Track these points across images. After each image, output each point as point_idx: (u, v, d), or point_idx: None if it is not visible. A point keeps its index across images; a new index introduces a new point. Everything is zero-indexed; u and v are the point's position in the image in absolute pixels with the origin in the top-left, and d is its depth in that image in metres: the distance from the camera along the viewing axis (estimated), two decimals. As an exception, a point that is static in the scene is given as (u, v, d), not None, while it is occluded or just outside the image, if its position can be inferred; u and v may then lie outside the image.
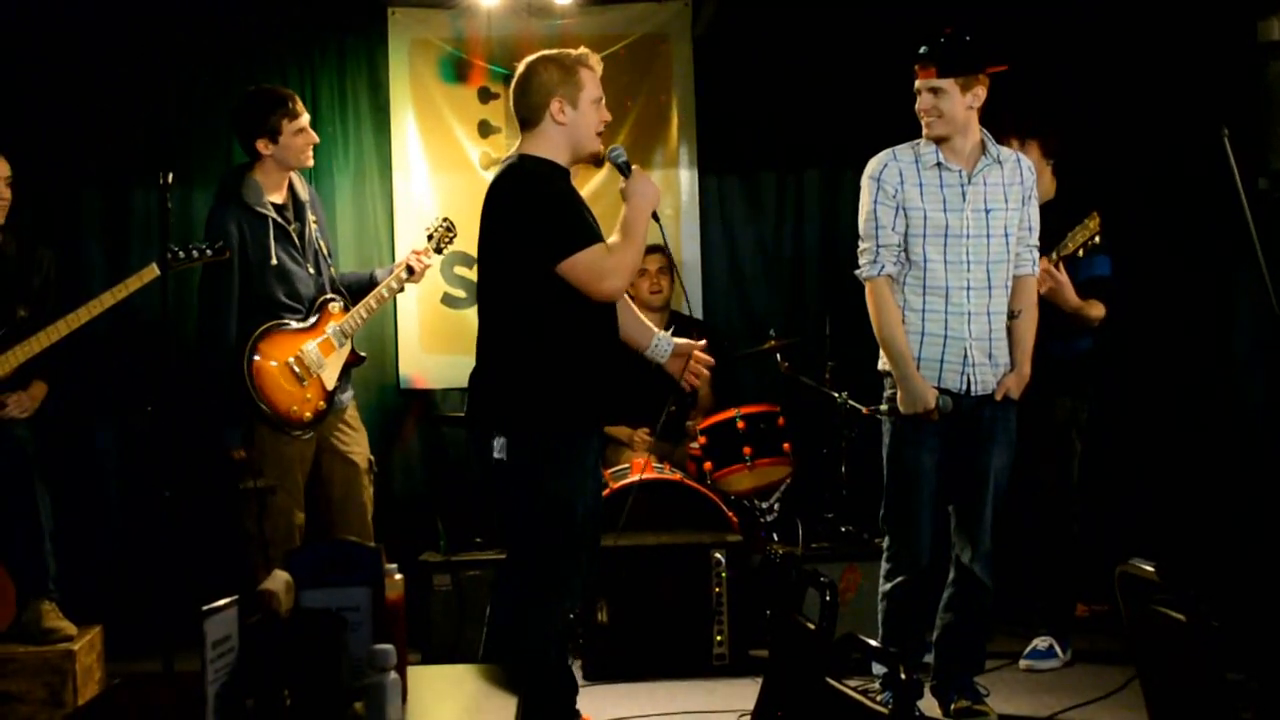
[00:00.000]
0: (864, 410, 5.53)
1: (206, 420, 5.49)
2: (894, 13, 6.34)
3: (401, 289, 5.55)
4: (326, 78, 6.61)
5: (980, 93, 4.47)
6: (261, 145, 5.29)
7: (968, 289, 4.51)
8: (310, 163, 5.44)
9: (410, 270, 5.49)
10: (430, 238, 5.68)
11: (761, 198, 6.91)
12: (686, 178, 6.84)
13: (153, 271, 5.03)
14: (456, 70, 6.73)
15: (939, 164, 4.53)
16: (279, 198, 5.35)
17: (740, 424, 5.86)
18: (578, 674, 5.20)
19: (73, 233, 6.36)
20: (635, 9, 6.80)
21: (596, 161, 4.23)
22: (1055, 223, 4.95)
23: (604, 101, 4.17)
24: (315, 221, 5.47)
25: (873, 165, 4.64)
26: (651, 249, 6.33)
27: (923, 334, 4.56)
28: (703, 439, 5.95)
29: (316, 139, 5.44)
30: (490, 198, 4.10)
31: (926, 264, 4.53)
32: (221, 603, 2.29)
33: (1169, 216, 6.21)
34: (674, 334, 4.37)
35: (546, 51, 4.20)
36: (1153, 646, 3.06)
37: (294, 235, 5.33)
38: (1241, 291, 6.01)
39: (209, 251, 5.13)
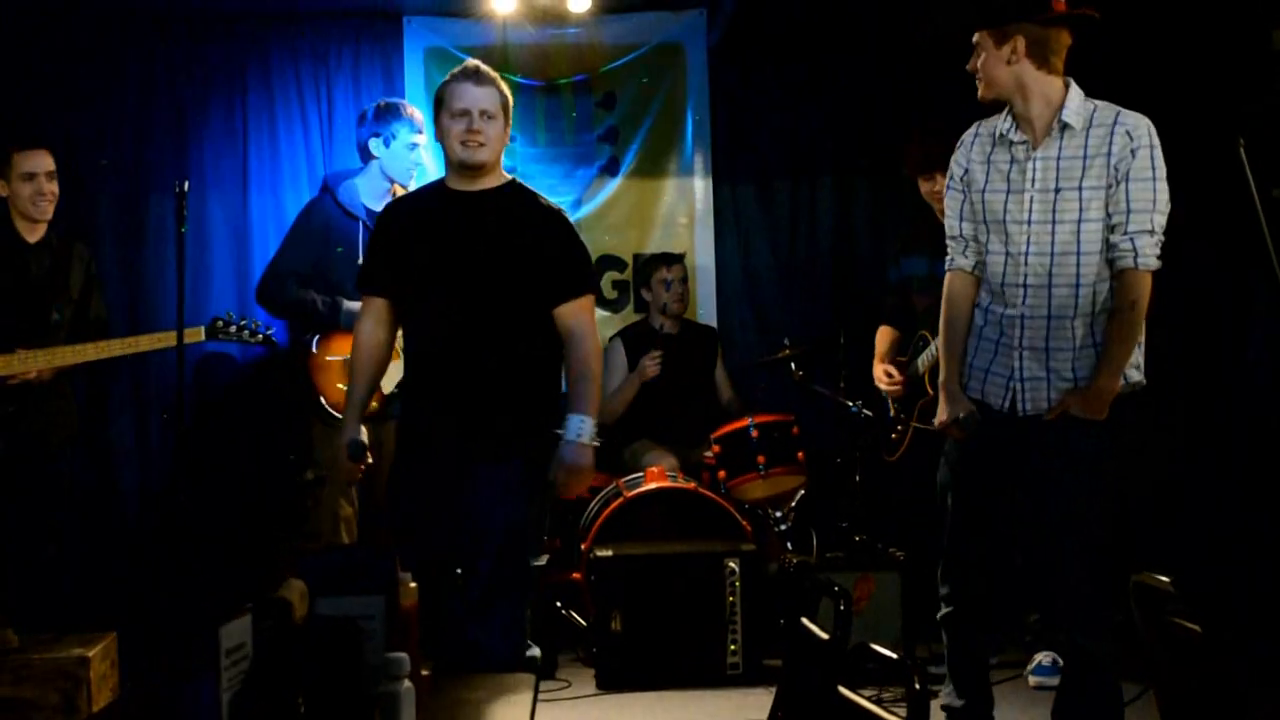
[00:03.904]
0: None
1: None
2: (909, 21, 6.34)
3: None
4: (341, 84, 6.62)
5: (1019, 44, 3.80)
6: (374, 147, 5.45)
7: (1024, 286, 3.87)
8: (410, 182, 5.56)
9: None
10: None
11: (775, 206, 6.92)
12: (701, 186, 6.85)
13: (189, 335, 5.13)
14: (472, 79, 6.74)
15: (1002, 135, 3.93)
16: (378, 206, 5.47)
17: (754, 433, 5.85)
18: (591, 683, 5.22)
19: (88, 238, 6.38)
20: (651, 17, 6.81)
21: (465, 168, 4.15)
22: None
23: (480, 113, 4.09)
24: None
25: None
26: (674, 259, 6.38)
27: (980, 338, 4.00)
28: (717, 448, 5.94)
29: (423, 162, 5.68)
30: None
31: (988, 255, 3.96)
32: (236, 610, 2.29)
33: (1184, 226, 6.20)
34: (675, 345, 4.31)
35: None
36: (1168, 658, 3.05)
37: None
38: (1257, 300, 5.99)
39: (252, 334, 5.38)
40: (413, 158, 5.59)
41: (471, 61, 4.19)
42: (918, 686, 2.21)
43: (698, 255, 6.82)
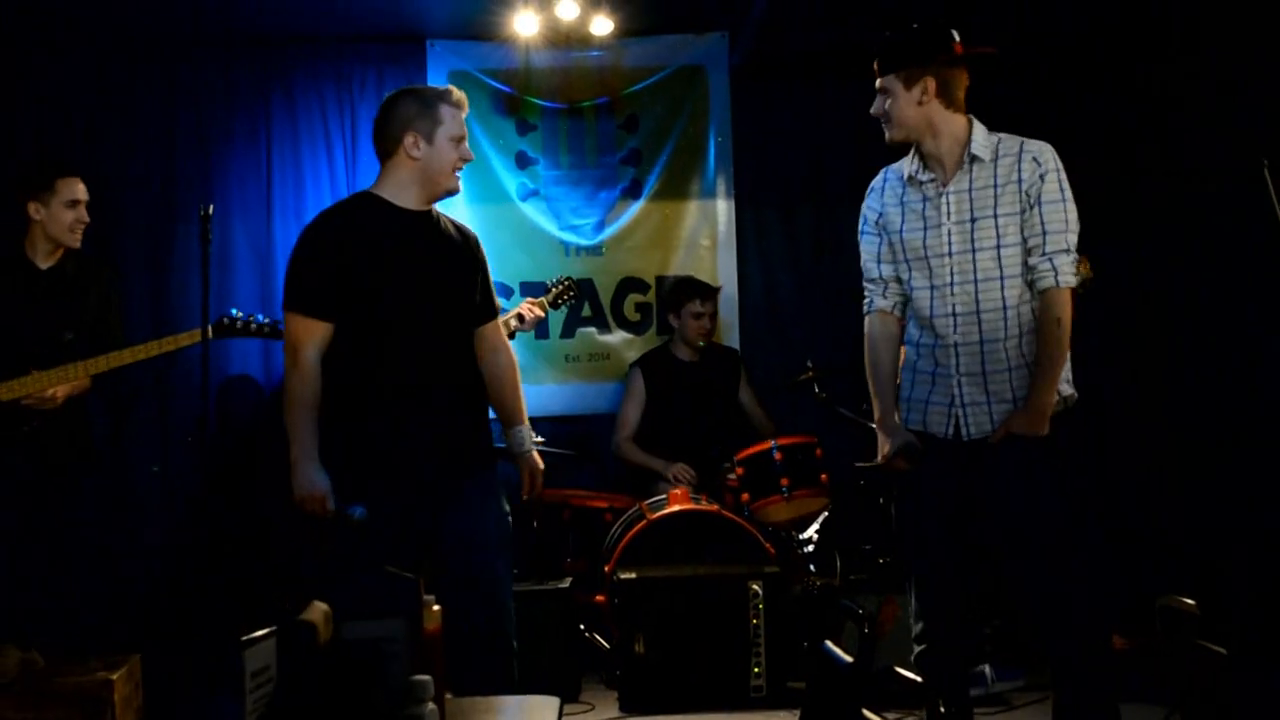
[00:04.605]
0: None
1: None
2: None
3: (512, 335, 5.59)
4: (366, 108, 6.65)
5: (929, 85, 3.90)
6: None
7: (953, 316, 3.95)
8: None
9: (521, 318, 5.61)
10: (549, 290, 5.98)
11: (798, 227, 6.93)
12: (723, 208, 6.86)
13: (194, 336, 5.12)
14: (494, 101, 6.77)
15: (911, 176, 4.02)
16: None
17: (777, 455, 5.84)
18: (614, 706, 5.21)
19: (113, 263, 6.42)
20: (673, 39, 6.83)
21: (450, 195, 4.18)
22: None
23: (466, 141, 4.12)
24: None
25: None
26: (709, 291, 6.37)
27: (915, 371, 4.07)
28: (740, 470, 5.94)
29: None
30: None
31: (913, 292, 4.04)
32: (261, 633, 2.30)
33: (1208, 249, 6.18)
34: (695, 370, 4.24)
35: (411, 86, 4.28)
36: (1194, 681, 3.04)
37: None
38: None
39: (259, 328, 5.33)
40: None
41: (451, 87, 4.18)
42: (942, 710, 2.21)
43: (720, 277, 6.82)
